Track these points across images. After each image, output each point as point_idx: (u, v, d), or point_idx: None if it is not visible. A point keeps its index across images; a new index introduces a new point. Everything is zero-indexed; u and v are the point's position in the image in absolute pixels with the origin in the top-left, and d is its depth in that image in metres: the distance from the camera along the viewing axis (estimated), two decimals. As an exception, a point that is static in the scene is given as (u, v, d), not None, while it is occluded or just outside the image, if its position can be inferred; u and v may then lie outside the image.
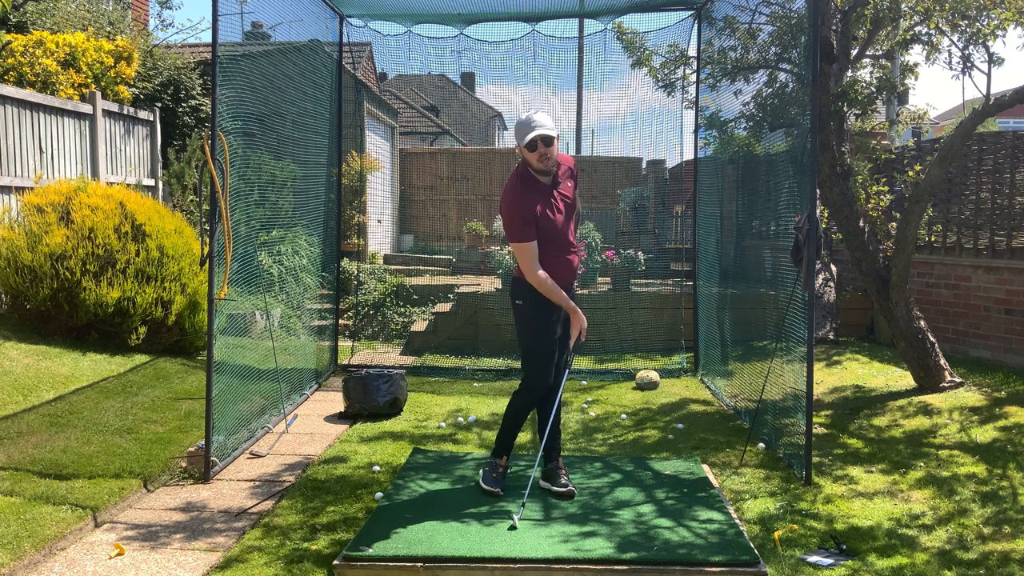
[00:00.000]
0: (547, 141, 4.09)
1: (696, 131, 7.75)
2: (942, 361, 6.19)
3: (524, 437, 5.60)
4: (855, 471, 4.80)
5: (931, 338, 6.18)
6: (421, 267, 12.34)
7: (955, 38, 5.82)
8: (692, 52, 7.59)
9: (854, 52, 6.28)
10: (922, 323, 6.18)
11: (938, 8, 5.65)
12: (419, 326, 9.34)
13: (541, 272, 4.11)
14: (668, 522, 3.88)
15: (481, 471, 4.44)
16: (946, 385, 6.11)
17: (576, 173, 4.43)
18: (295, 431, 5.70)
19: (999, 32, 5.49)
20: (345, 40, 7.67)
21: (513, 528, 3.80)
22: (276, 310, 7.84)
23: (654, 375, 7.26)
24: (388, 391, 6.07)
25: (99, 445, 4.82)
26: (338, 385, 7.00)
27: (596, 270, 9.61)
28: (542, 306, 4.21)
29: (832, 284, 8.66)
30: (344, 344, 8.45)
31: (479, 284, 9.97)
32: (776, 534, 3.84)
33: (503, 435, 4.44)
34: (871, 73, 6.73)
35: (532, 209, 4.10)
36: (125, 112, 8.92)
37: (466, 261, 12.59)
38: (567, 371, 4.43)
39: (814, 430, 5.17)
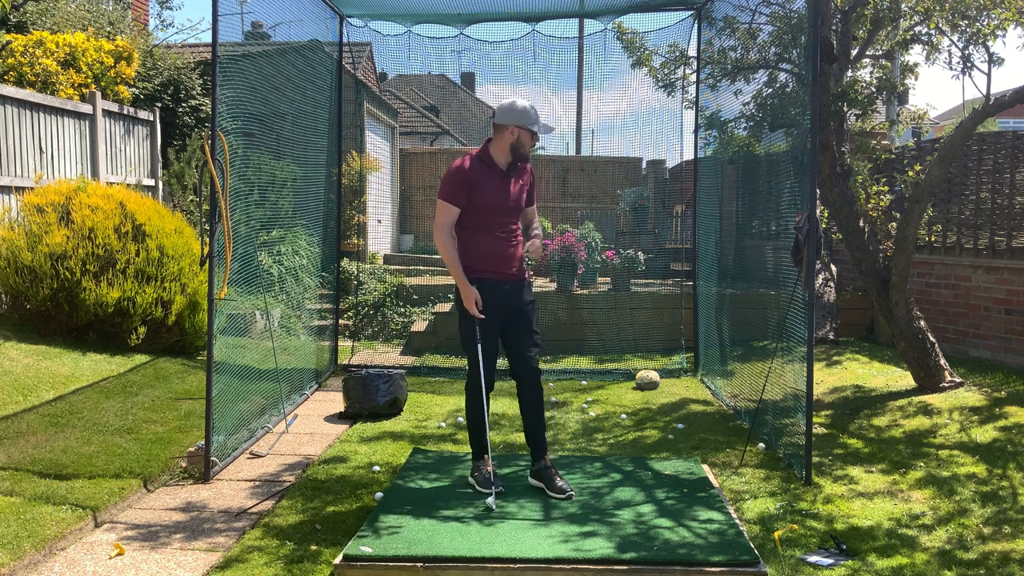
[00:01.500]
0: (539, 137, 4.36)
1: (696, 131, 7.75)
2: (942, 361, 6.19)
3: (524, 437, 5.59)
4: (855, 471, 4.80)
5: (931, 338, 6.18)
6: (421, 267, 12.33)
7: (955, 38, 5.82)
8: (692, 52, 7.59)
9: (854, 52, 6.28)
10: (922, 323, 6.18)
11: (938, 8, 5.65)
12: (419, 326, 9.34)
13: (445, 236, 4.19)
14: (668, 522, 3.88)
15: (471, 479, 4.42)
16: (946, 385, 6.11)
17: (533, 179, 4.55)
18: (295, 431, 5.70)
19: (999, 32, 5.49)
20: (345, 40, 7.66)
21: (489, 510, 3.93)
22: (276, 310, 7.84)
23: (654, 375, 7.26)
24: (388, 391, 6.07)
25: (99, 445, 4.82)
26: (338, 385, 7.00)
27: (596, 270, 9.62)
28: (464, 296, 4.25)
29: (832, 284, 8.66)
30: (344, 344, 8.45)
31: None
32: (776, 534, 3.84)
33: (472, 437, 4.45)
34: (871, 73, 6.73)
35: (474, 182, 4.22)
36: (125, 112, 8.92)
37: (466, 261, 12.56)
38: (529, 364, 4.35)
39: (814, 430, 5.17)
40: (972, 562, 3.60)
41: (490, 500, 4.03)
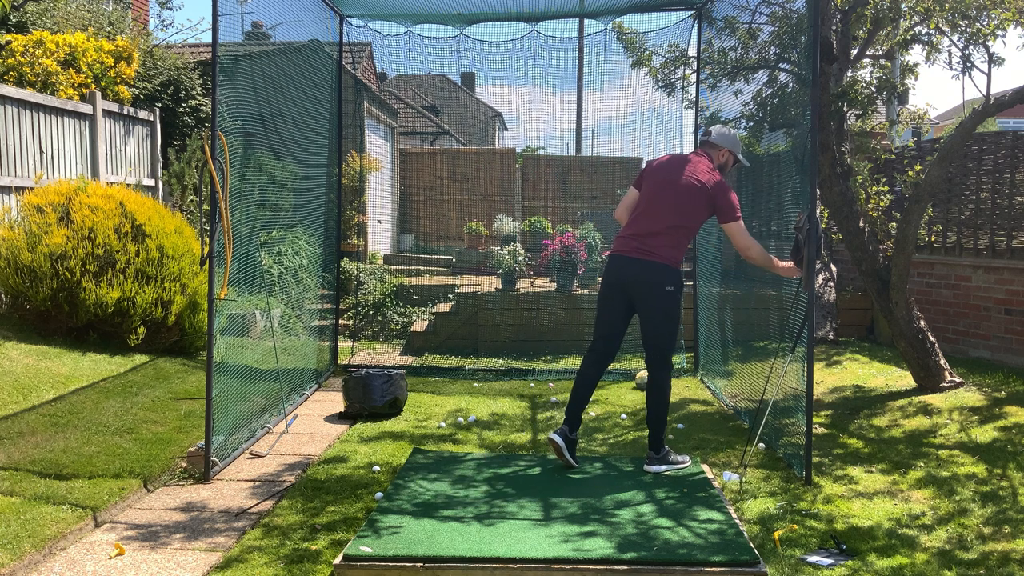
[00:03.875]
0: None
1: (696, 131, 7.75)
2: (942, 361, 6.19)
3: (524, 437, 5.61)
4: (855, 471, 4.80)
5: (931, 338, 6.18)
6: (421, 267, 12.34)
7: (955, 38, 5.82)
8: (692, 52, 7.59)
9: (854, 52, 6.28)
10: (922, 323, 6.18)
11: (938, 8, 5.65)
12: (419, 326, 9.34)
13: (758, 243, 4.76)
14: (668, 522, 3.89)
15: (664, 466, 4.70)
16: (946, 385, 6.11)
17: None
18: (295, 431, 5.70)
19: (999, 32, 5.49)
20: (345, 40, 7.66)
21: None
22: (276, 310, 7.84)
23: (654, 375, 7.24)
24: (388, 391, 6.07)
25: (99, 445, 4.82)
26: (338, 385, 7.00)
27: (596, 270, 9.61)
28: (681, 293, 4.77)
29: (832, 284, 8.66)
30: (344, 344, 8.45)
31: (479, 284, 9.97)
32: (776, 534, 3.84)
33: (663, 425, 4.78)
34: (871, 73, 6.74)
35: None
36: (125, 112, 8.92)
37: (466, 261, 12.59)
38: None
39: (814, 430, 5.17)
40: (972, 562, 3.60)
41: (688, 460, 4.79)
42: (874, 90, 6.20)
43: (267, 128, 5.98)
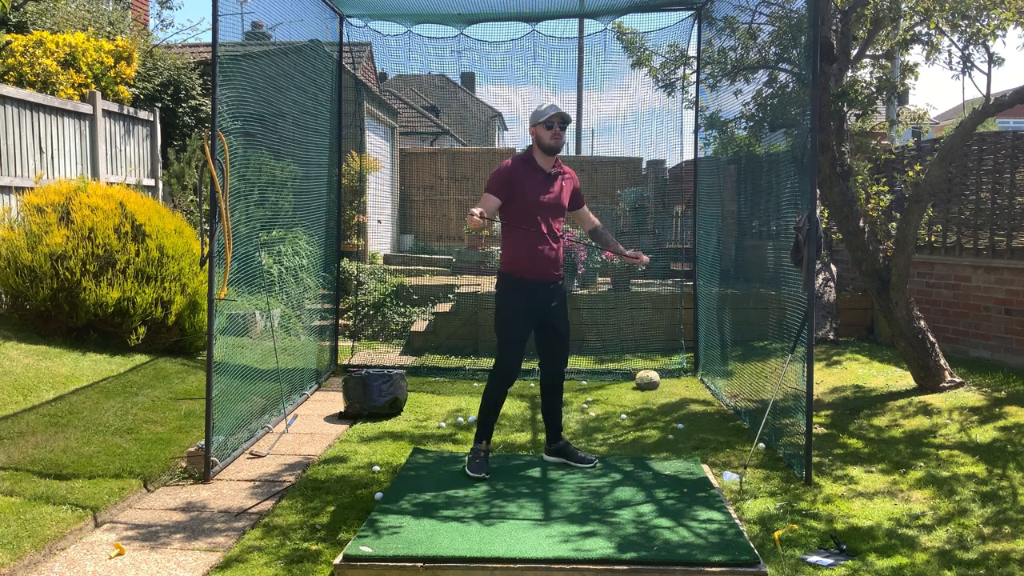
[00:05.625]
0: (564, 121, 4.59)
1: (696, 131, 7.75)
2: (942, 361, 6.19)
3: (524, 437, 5.61)
4: (855, 471, 4.80)
5: (931, 338, 6.18)
6: (421, 267, 12.34)
7: (955, 38, 5.82)
8: (692, 52, 7.59)
9: (854, 52, 6.28)
10: (922, 323, 6.19)
11: (938, 8, 5.65)
12: (419, 326, 9.34)
13: (476, 209, 4.29)
14: (668, 522, 3.88)
15: (467, 459, 4.66)
16: (946, 385, 6.11)
17: (578, 186, 4.90)
18: (295, 431, 5.70)
19: (999, 32, 5.49)
20: (345, 40, 7.66)
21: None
22: (276, 310, 7.84)
23: (654, 375, 7.26)
24: (388, 391, 6.07)
25: (99, 445, 4.82)
26: (338, 385, 7.00)
27: (596, 270, 9.62)
28: (515, 293, 4.52)
29: (832, 284, 8.66)
30: (344, 344, 8.45)
31: (479, 284, 9.96)
32: (776, 534, 3.84)
33: (482, 419, 4.63)
34: (871, 73, 6.73)
35: (516, 180, 4.52)
36: (125, 112, 8.92)
37: (466, 261, 12.59)
38: (556, 370, 4.76)
39: (814, 430, 5.17)
40: (972, 562, 3.60)
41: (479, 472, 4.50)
42: (874, 90, 6.21)
43: (267, 128, 5.98)
